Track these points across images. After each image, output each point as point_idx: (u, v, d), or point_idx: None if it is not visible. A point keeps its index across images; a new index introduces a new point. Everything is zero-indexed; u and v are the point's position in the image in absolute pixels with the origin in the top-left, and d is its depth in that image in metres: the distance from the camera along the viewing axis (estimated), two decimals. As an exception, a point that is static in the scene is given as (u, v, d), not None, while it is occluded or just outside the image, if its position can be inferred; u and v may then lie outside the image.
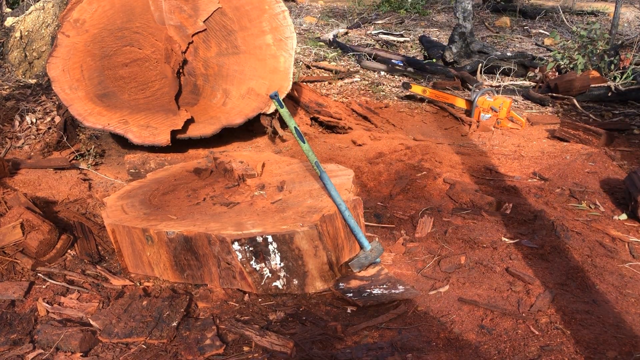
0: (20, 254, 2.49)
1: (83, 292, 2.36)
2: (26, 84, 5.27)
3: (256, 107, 3.88)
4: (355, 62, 7.01)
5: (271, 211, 2.44)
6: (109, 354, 1.99)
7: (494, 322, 2.19)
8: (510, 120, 4.78)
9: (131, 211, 2.54)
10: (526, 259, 2.67)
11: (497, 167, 3.79)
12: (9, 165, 3.38)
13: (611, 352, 1.98)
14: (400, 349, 2.02)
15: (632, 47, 6.89)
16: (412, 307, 2.29)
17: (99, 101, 3.75)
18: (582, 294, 2.38)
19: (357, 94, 5.69)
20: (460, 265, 2.62)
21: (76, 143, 4.03)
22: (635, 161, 3.87)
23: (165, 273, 2.47)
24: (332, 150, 3.93)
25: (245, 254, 2.27)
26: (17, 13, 7.33)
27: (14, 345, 2.02)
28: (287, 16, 3.98)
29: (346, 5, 11.50)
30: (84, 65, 3.78)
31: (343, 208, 2.41)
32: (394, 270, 2.59)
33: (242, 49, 3.99)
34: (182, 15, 3.95)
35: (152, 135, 3.64)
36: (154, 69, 3.95)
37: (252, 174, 2.75)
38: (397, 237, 2.90)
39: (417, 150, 3.91)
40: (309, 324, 2.17)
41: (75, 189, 3.27)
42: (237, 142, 4.15)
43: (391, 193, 3.38)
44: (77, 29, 3.80)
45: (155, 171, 3.08)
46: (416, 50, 8.11)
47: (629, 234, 2.89)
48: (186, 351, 2.00)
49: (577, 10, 10.94)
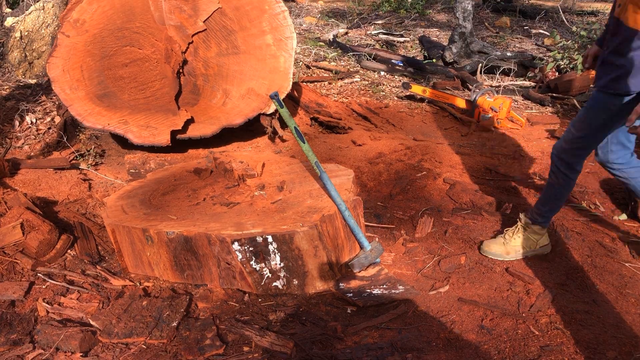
0: (20, 254, 2.49)
1: (83, 292, 2.36)
2: (26, 84, 5.27)
3: (256, 107, 3.88)
4: (355, 62, 7.01)
5: (271, 211, 2.44)
6: (109, 354, 1.99)
7: (494, 322, 2.19)
8: (510, 120, 4.78)
9: (131, 211, 2.54)
10: (526, 259, 2.67)
11: (497, 167, 3.79)
12: (9, 165, 3.38)
13: (611, 352, 1.98)
14: (400, 349, 2.02)
15: (632, 47, 6.88)
16: (412, 307, 2.29)
17: (99, 101, 3.75)
18: (582, 294, 2.38)
19: (357, 94, 5.69)
20: (460, 265, 2.62)
21: (76, 143, 4.03)
22: (635, 161, 3.87)
23: (165, 273, 2.47)
24: (332, 150, 3.93)
25: (245, 254, 2.27)
26: (17, 13, 7.33)
27: (14, 345, 2.02)
28: (287, 16, 3.98)
29: (346, 6, 11.50)
30: (84, 66, 3.78)
31: (343, 208, 2.41)
32: (394, 270, 2.59)
33: (242, 49, 3.99)
34: (182, 15, 3.95)
35: (152, 135, 3.64)
36: (154, 69, 3.95)
37: (252, 174, 2.76)
38: (397, 237, 2.90)
39: (417, 150, 3.91)
40: (309, 324, 2.17)
41: (75, 189, 3.27)
42: (237, 142, 4.16)
43: (391, 193, 3.38)
44: (77, 29, 3.80)
45: (155, 171, 3.08)
46: (416, 50, 8.11)
47: (629, 234, 2.89)
48: (186, 351, 2.00)
49: (577, 10, 10.94)
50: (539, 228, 2.64)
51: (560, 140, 2.46)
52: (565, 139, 2.43)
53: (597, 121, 2.31)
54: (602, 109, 2.27)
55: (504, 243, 2.65)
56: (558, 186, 2.50)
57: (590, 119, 2.32)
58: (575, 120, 2.40)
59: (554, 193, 2.54)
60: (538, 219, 2.63)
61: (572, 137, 2.39)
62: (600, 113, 2.28)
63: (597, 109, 2.29)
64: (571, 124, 2.41)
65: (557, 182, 2.49)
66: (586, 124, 2.34)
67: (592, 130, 2.34)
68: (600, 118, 2.29)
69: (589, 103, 2.32)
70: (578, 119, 2.38)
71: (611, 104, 2.24)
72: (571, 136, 2.39)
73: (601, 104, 2.27)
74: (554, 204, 2.58)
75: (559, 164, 2.46)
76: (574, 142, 2.40)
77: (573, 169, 2.45)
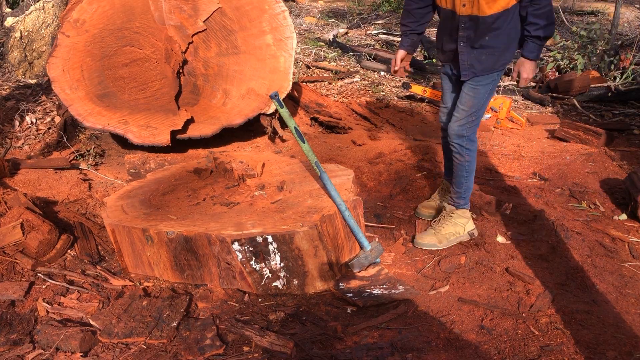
0: (20, 254, 2.49)
1: (83, 292, 2.36)
2: (26, 84, 5.27)
3: (256, 107, 3.88)
4: (355, 62, 7.01)
5: (271, 211, 2.44)
6: (109, 354, 1.99)
7: (494, 322, 2.19)
8: (510, 120, 4.78)
9: (131, 211, 2.54)
10: (526, 259, 2.67)
11: (497, 167, 3.79)
12: (9, 165, 3.38)
13: (611, 352, 1.98)
14: (400, 349, 2.02)
15: (632, 47, 6.89)
16: (412, 307, 2.29)
17: (99, 101, 3.75)
18: (582, 294, 2.38)
19: (357, 94, 5.69)
20: (460, 265, 2.62)
21: (76, 143, 4.03)
22: (635, 161, 3.87)
23: (165, 273, 2.47)
24: (332, 150, 3.93)
25: (245, 254, 2.27)
26: (17, 13, 7.33)
27: (14, 345, 2.02)
28: (287, 16, 3.98)
29: (346, 6, 11.50)
30: (84, 66, 3.78)
31: (343, 208, 2.41)
32: (394, 270, 2.59)
33: (242, 49, 3.99)
34: (182, 15, 3.95)
35: (152, 135, 3.64)
36: (154, 69, 3.95)
37: (252, 174, 2.76)
38: (397, 237, 2.90)
39: (417, 150, 3.91)
40: (309, 324, 2.17)
41: (75, 189, 3.27)
42: (237, 142, 4.16)
43: (391, 193, 3.38)
44: (77, 29, 3.80)
45: (155, 171, 3.08)
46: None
47: (629, 234, 2.89)
48: (186, 351, 2.00)
49: (577, 10, 10.93)
50: (463, 211, 2.86)
51: (453, 123, 2.74)
52: (458, 119, 2.72)
53: (486, 97, 2.72)
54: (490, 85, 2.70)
55: (435, 233, 2.81)
56: (466, 162, 2.76)
57: (480, 97, 2.69)
58: (464, 101, 2.71)
59: (463, 171, 2.79)
60: (460, 202, 2.86)
61: (465, 115, 2.71)
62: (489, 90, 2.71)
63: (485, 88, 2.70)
64: (460, 104, 2.72)
65: (464, 159, 2.76)
66: (477, 100, 2.69)
67: (483, 105, 2.73)
68: (487, 94, 2.71)
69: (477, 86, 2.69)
70: (467, 99, 2.70)
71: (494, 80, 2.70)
72: (465, 114, 2.71)
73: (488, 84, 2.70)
74: (467, 181, 2.82)
75: (460, 142, 2.73)
76: (469, 118, 2.72)
77: (473, 141, 2.76)
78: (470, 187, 2.86)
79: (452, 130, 2.73)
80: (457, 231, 2.81)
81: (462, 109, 2.70)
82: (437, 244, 2.77)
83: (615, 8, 6.94)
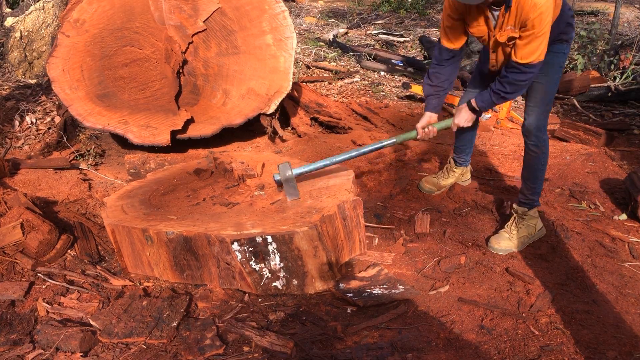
0: (20, 254, 2.49)
1: (83, 292, 2.36)
2: (26, 84, 5.27)
3: (256, 107, 3.88)
4: (355, 62, 7.01)
5: (271, 211, 2.44)
6: (109, 354, 1.99)
7: (494, 322, 2.19)
8: (510, 120, 4.78)
9: (131, 211, 2.54)
10: (526, 259, 2.67)
11: (497, 167, 3.79)
12: (9, 165, 3.38)
13: (611, 352, 1.98)
14: (400, 349, 2.02)
15: (632, 47, 6.88)
16: (412, 307, 2.29)
17: (99, 101, 3.75)
18: (582, 294, 2.38)
19: (357, 94, 5.69)
20: (460, 265, 2.62)
21: (76, 143, 4.03)
22: (635, 161, 3.87)
23: (165, 273, 2.47)
24: (332, 150, 3.93)
25: (245, 254, 2.27)
26: (17, 13, 7.34)
27: (14, 345, 2.02)
28: (287, 16, 3.98)
29: (346, 6, 11.50)
30: (84, 66, 3.78)
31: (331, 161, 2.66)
32: (394, 270, 2.59)
33: (242, 49, 3.99)
34: (182, 15, 3.95)
35: (152, 135, 3.64)
36: (154, 69, 3.95)
37: (252, 174, 2.76)
38: (397, 237, 2.90)
39: (417, 150, 3.91)
40: (309, 324, 2.17)
41: (75, 189, 3.27)
42: (237, 142, 4.16)
43: (391, 193, 3.38)
44: (77, 29, 3.80)
45: (155, 171, 3.08)
46: (416, 50, 8.11)
47: (629, 234, 2.89)
48: (186, 351, 2.00)
49: (577, 10, 10.93)
50: (534, 211, 2.81)
51: (532, 119, 2.64)
52: (537, 115, 2.64)
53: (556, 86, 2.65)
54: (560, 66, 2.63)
55: (509, 238, 2.76)
56: (543, 155, 2.70)
57: (552, 84, 2.62)
58: (541, 96, 2.62)
59: (540, 164, 2.72)
60: (535, 199, 2.80)
61: (543, 110, 2.64)
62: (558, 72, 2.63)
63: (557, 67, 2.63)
64: (535, 101, 2.64)
65: (541, 151, 2.69)
66: (550, 92, 2.62)
67: (553, 95, 2.66)
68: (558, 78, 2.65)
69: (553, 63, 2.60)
70: (540, 92, 2.61)
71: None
72: (542, 109, 2.64)
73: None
74: (543, 174, 2.76)
75: (539, 134, 2.65)
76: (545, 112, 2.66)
77: (546, 131, 2.70)
78: (542, 184, 2.80)
79: (530, 125, 2.64)
80: (530, 233, 2.77)
81: (535, 99, 2.64)
82: (513, 248, 2.73)
83: (615, 8, 6.94)
